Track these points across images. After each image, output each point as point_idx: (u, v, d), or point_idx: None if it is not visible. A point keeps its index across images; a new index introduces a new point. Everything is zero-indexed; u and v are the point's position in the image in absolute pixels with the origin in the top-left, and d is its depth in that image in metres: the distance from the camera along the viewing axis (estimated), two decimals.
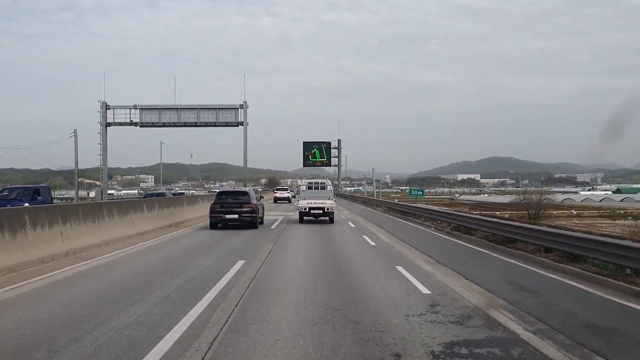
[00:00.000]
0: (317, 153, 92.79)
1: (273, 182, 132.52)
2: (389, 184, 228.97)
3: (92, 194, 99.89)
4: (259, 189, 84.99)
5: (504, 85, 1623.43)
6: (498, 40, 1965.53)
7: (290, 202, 49.75)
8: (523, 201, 34.44)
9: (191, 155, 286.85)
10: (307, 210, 23.16)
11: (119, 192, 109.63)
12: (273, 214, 30.07)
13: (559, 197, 78.13)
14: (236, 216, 19.85)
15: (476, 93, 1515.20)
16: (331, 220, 23.41)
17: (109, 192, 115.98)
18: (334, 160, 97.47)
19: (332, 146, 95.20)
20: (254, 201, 20.86)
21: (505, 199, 77.74)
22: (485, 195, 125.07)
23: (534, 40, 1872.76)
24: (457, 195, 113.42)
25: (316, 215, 23.35)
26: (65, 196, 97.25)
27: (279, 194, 53.29)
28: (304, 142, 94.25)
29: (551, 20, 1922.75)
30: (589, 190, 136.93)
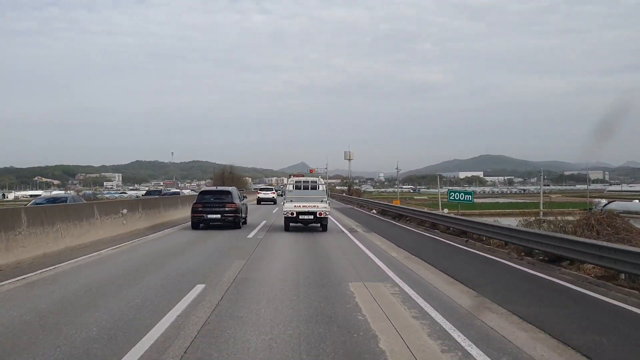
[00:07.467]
0: None
1: (235, 179, 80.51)
2: (385, 183, 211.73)
3: (11, 196, 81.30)
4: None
5: (496, 83, 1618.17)
6: (493, 38, 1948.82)
7: (275, 203, 47.51)
8: None
9: (172, 153, 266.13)
10: (295, 215, 19.40)
11: (48, 192, 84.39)
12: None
13: None
14: (218, 216, 19.91)
15: (469, 91, 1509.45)
16: (324, 228, 19.93)
17: (16, 193, 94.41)
18: None
19: None
20: (237, 200, 20.89)
21: None
22: None
23: (529, 39, 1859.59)
24: (603, 202, 54.48)
25: (305, 222, 19.78)
26: None
27: (262, 195, 50.54)
28: None
29: (546, 18, 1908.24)
30: None
